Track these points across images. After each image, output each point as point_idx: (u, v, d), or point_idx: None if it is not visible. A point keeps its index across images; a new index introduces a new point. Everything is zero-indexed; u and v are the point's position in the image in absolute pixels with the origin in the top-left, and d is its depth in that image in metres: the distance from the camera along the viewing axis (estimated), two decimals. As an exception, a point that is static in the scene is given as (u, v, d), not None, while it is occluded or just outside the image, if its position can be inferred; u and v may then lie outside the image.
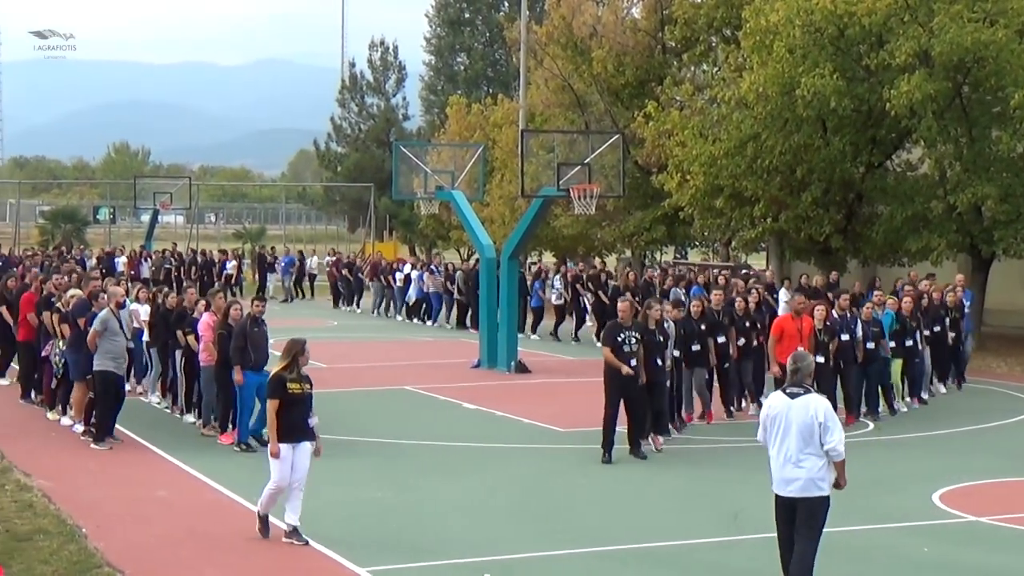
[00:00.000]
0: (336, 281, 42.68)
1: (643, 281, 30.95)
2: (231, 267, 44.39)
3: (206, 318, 17.29)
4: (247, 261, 49.51)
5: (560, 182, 24.66)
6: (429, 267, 37.63)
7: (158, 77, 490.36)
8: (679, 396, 18.32)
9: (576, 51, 39.16)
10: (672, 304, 18.79)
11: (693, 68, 38.72)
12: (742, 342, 19.51)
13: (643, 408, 16.19)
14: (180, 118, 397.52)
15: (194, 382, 18.02)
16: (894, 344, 20.16)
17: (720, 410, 19.33)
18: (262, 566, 11.20)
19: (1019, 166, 27.56)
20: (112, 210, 63.23)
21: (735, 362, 19.51)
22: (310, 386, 11.96)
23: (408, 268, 38.31)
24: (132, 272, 40.55)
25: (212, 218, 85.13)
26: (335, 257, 45.48)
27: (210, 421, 17.36)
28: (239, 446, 16.33)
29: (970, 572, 11.42)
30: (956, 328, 22.73)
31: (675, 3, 36.42)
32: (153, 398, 20.01)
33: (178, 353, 18.44)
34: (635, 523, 13.03)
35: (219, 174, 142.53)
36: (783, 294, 26.17)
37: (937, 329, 22.07)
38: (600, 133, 31.34)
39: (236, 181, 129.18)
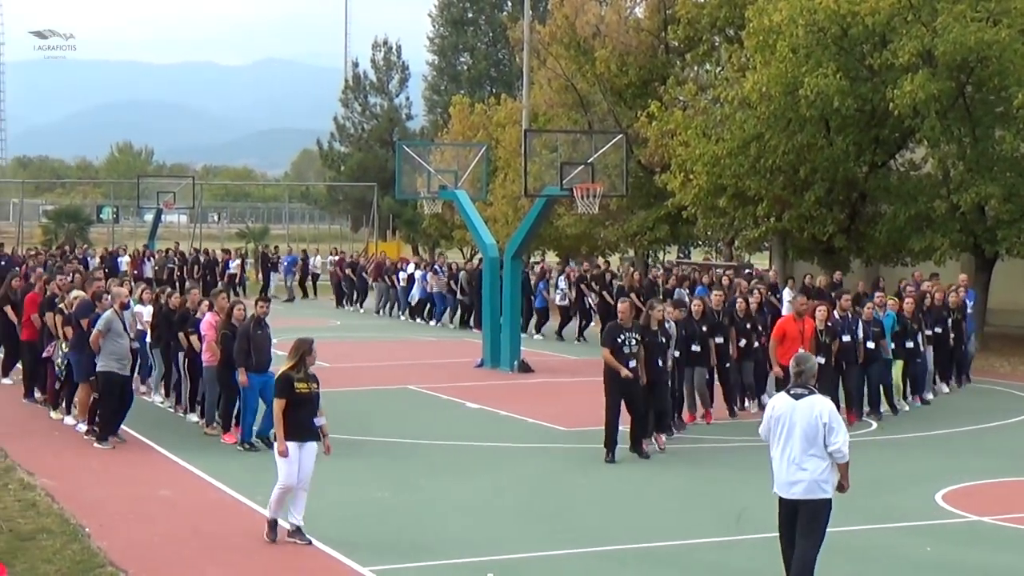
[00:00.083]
0: (340, 281, 42.68)
1: (647, 281, 30.94)
2: (234, 266, 44.38)
3: (208, 318, 17.30)
4: (250, 261, 49.51)
5: (563, 182, 24.67)
6: (433, 267, 37.62)
7: (160, 77, 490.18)
8: (680, 396, 18.31)
9: (579, 51, 39.13)
10: (673, 304, 18.78)
11: (696, 68, 38.69)
12: (743, 343, 19.52)
13: (644, 408, 16.20)
14: (182, 118, 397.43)
15: (197, 382, 18.05)
16: (895, 345, 20.16)
17: (722, 410, 19.34)
18: (265, 565, 11.21)
19: (1022, 166, 27.53)
20: (115, 210, 63.16)
21: (735, 362, 19.51)
22: (317, 385, 11.96)
23: (411, 268, 38.31)
24: (135, 272, 40.59)
25: (215, 218, 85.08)
26: (339, 257, 45.49)
27: (213, 420, 17.37)
28: (242, 445, 16.36)
29: (973, 572, 11.42)
30: (958, 328, 22.71)
31: (678, 3, 36.37)
32: (156, 398, 20.03)
33: (181, 353, 18.46)
34: (636, 523, 13.04)
35: (222, 174, 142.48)
36: (787, 294, 26.17)
37: (939, 330, 22.05)
38: (603, 133, 31.32)
39: (239, 181, 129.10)
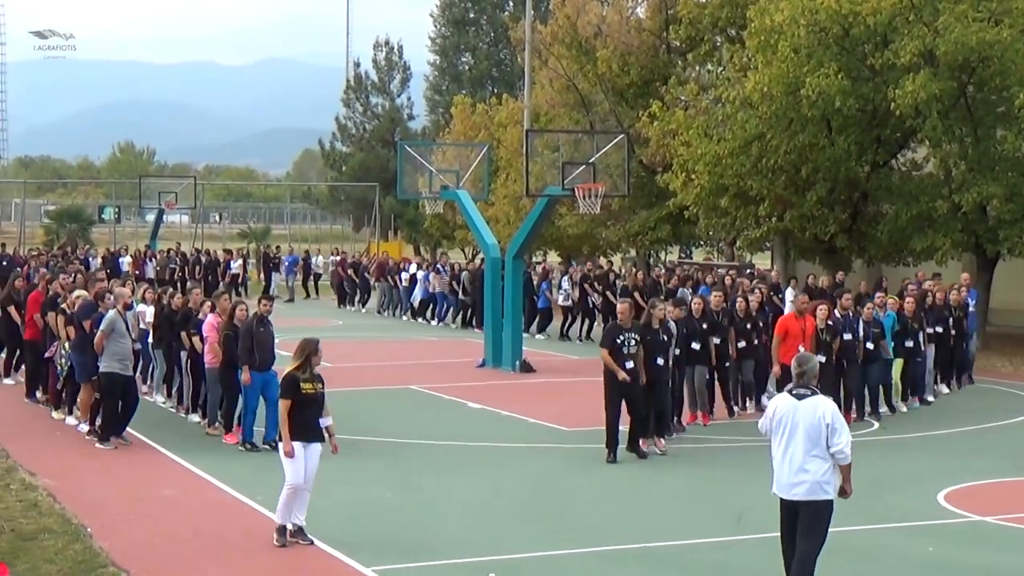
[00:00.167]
0: (342, 281, 42.67)
1: (650, 280, 30.91)
2: (236, 267, 44.36)
3: (211, 319, 17.29)
4: (252, 261, 49.52)
5: (565, 182, 24.66)
6: (435, 266, 37.62)
7: (161, 77, 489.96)
8: (679, 397, 18.22)
9: (581, 51, 39.12)
10: (674, 303, 18.77)
11: (698, 68, 38.67)
12: (742, 344, 19.48)
13: (645, 408, 16.17)
14: (184, 118, 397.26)
15: (199, 383, 18.05)
16: (894, 344, 20.13)
17: (722, 410, 19.33)
18: (267, 566, 11.21)
19: (1024, 165, 27.56)
20: (117, 210, 63.19)
21: (735, 361, 19.49)
22: (322, 386, 11.93)
23: (413, 268, 38.31)
24: (137, 272, 40.59)
25: (217, 218, 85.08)
26: (340, 257, 45.48)
27: (215, 421, 17.37)
28: (243, 446, 16.36)
29: (975, 572, 11.40)
30: (959, 327, 22.69)
31: (680, 3, 36.36)
32: (158, 398, 20.03)
33: (183, 354, 18.46)
34: (637, 523, 13.03)
35: (224, 174, 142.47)
36: (789, 294, 26.14)
37: (940, 329, 22.03)
38: (605, 133, 31.33)
39: (241, 181, 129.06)
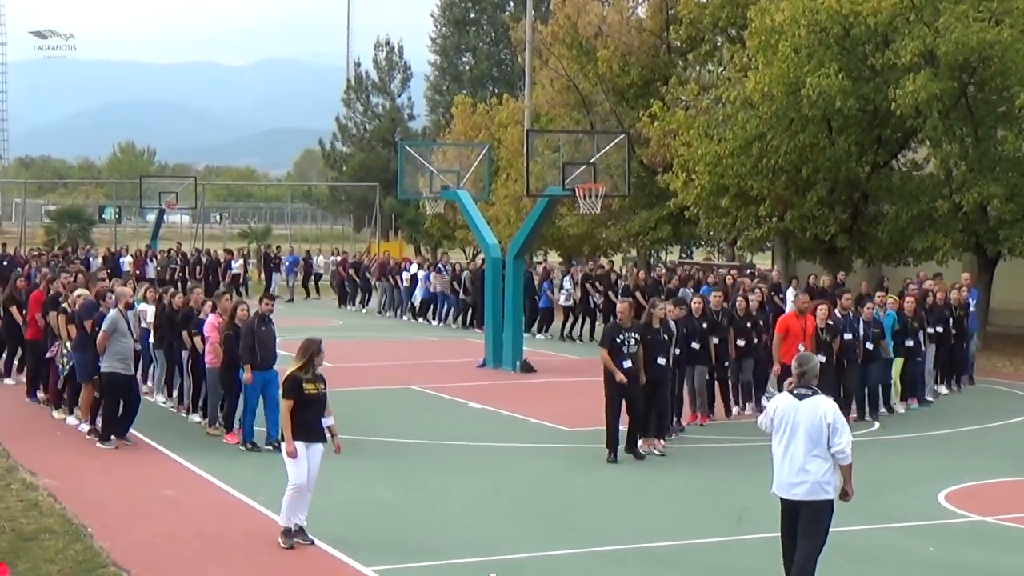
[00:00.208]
0: (343, 281, 42.67)
1: (651, 280, 30.90)
2: (237, 266, 44.34)
3: (212, 319, 17.29)
4: (253, 261, 49.53)
5: (565, 182, 24.65)
6: (436, 266, 37.62)
7: (161, 77, 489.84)
8: (678, 398, 18.14)
9: (581, 51, 39.13)
10: (674, 303, 18.76)
11: (698, 68, 38.68)
12: (742, 343, 19.46)
13: (647, 408, 16.15)
14: (184, 118, 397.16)
15: (200, 383, 18.05)
16: (894, 343, 20.11)
17: (721, 409, 19.32)
18: (268, 565, 11.20)
19: (1025, 165, 27.56)
20: (118, 210, 63.23)
21: (735, 361, 19.48)
22: (324, 386, 11.93)
23: (415, 268, 38.31)
24: (138, 272, 40.60)
25: (217, 218, 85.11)
26: (341, 257, 45.47)
27: (216, 421, 17.37)
28: (244, 446, 16.35)
29: (976, 572, 11.40)
30: (960, 326, 22.67)
31: (680, 3, 36.38)
32: (159, 398, 20.02)
33: (184, 354, 18.46)
34: (638, 523, 13.03)
35: (224, 174, 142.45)
36: (791, 293, 26.12)
37: (940, 328, 22.02)
38: (605, 133, 31.34)
39: (241, 181, 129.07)
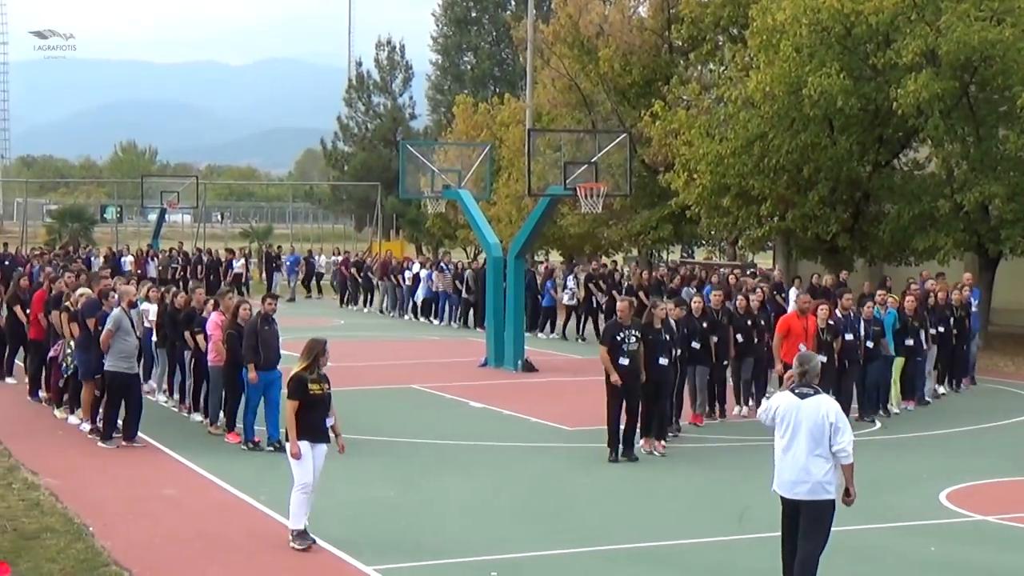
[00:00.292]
0: (345, 280, 42.68)
1: (655, 280, 30.90)
2: (239, 266, 44.32)
3: (214, 317, 17.29)
4: (254, 260, 49.53)
5: (567, 181, 24.65)
6: (439, 265, 37.61)
7: (162, 77, 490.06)
8: (679, 398, 18.10)
9: (583, 50, 39.14)
10: (675, 302, 18.75)
11: (700, 67, 38.70)
12: (739, 338, 19.40)
13: (646, 406, 16.11)
14: (185, 118, 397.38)
15: (202, 382, 18.04)
16: (895, 343, 20.09)
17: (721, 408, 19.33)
18: (269, 565, 11.20)
19: (1026, 165, 27.54)
20: (119, 209, 63.23)
21: (734, 360, 19.47)
22: (329, 386, 11.93)
23: (417, 267, 38.31)
24: (139, 271, 40.60)
25: (219, 217, 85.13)
26: (343, 256, 45.47)
27: (217, 420, 17.37)
28: (246, 445, 16.35)
29: (978, 572, 11.39)
30: (961, 326, 22.65)
31: (682, 2, 36.41)
32: (160, 397, 20.02)
33: (187, 353, 18.45)
34: (639, 522, 13.03)
35: (226, 173, 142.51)
36: (793, 293, 26.11)
37: (942, 329, 22.00)
38: (607, 132, 31.36)
39: (243, 180, 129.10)
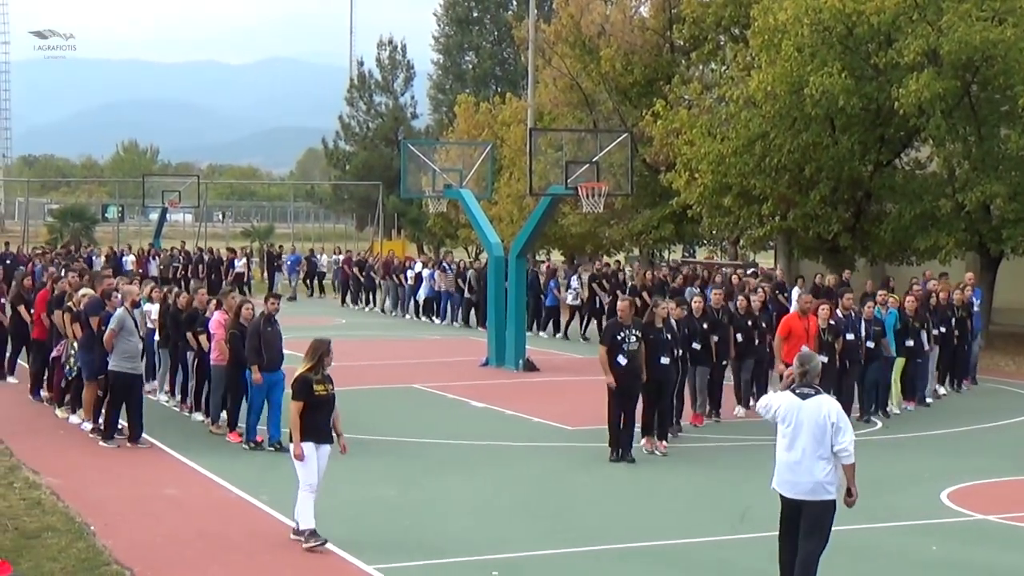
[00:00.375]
0: (347, 279, 42.67)
1: (658, 279, 30.89)
2: (240, 265, 44.30)
3: (217, 316, 17.29)
4: (255, 260, 49.53)
5: (568, 180, 24.64)
6: (441, 264, 37.62)
7: (163, 76, 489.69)
8: (680, 399, 18.07)
9: (584, 50, 39.16)
10: (676, 302, 18.74)
11: (701, 67, 38.73)
12: (739, 337, 19.39)
13: (649, 405, 16.10)
14: (187, 117, 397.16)
15: (204, 381, 18.04)
16: (895, 343, 20.08)
17: (723, 409, 19.30)
18: (270, 565, 11.20)
19: (1028, 165, 27.54)
20: (121, 208, 63.18)
21: (735, 360, 19.46)
22: (333, 386, 11.93)
23: (419, 267, 38.32)
24: (140, 271, 40.60)
25: (220, 216, 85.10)
26: (345, 256, 45.46)
27: (219, 419, 17.37)
28: (247, 444, 16.35)
29: (980, 571, 11.39)
30: (963, 327, 22.63)
31: (683, 2, 36.44)
32: (161, 396, 20.02)
33: (190, 353, 18.45)
34: (640, 521, 13.03)
35: (227, 172, 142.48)
36: (796, 293, 26.10)
37: (944, 329, 21.97)
38: (608, 132, 31.38)
39: (244, 179, 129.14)
